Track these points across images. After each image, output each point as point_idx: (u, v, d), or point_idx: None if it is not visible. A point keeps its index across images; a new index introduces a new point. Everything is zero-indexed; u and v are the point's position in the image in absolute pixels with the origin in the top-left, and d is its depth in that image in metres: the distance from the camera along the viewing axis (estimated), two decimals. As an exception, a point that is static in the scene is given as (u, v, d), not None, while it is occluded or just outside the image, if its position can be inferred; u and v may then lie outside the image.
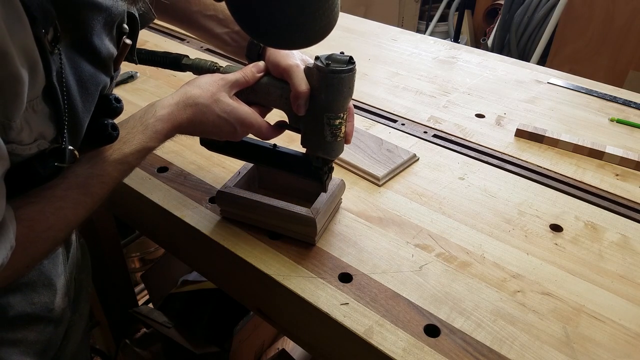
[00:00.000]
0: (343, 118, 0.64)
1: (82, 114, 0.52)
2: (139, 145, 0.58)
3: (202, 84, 0.63)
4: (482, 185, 0.85)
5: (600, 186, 0.86)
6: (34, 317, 0.65)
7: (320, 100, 0.63)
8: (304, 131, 0.67)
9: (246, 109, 0.64)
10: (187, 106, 0.61)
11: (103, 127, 0.54)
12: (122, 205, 0.91)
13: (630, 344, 0.59)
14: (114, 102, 0.55)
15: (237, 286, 0.78)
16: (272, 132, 0.68)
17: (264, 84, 0.66)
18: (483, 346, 0.58)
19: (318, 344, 0.68)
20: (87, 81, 0.52)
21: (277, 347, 1.36)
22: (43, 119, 0.47)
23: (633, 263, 0.70)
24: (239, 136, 0.66)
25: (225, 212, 0.75)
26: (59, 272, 0.69)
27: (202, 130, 0.64)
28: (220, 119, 0.63)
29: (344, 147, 0.68)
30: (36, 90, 0.45)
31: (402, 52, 1.35)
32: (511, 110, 1.08)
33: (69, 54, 0.49)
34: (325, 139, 0.65)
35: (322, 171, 0.70)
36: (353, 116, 0.69)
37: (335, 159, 0.70)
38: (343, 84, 0.61)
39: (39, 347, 0.67)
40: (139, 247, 1.71)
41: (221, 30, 0.74)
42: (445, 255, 0.70)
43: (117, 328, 1.41)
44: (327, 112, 0.63)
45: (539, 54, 2.63)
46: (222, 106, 0.63)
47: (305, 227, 0.69)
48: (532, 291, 0.65)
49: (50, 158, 0.49)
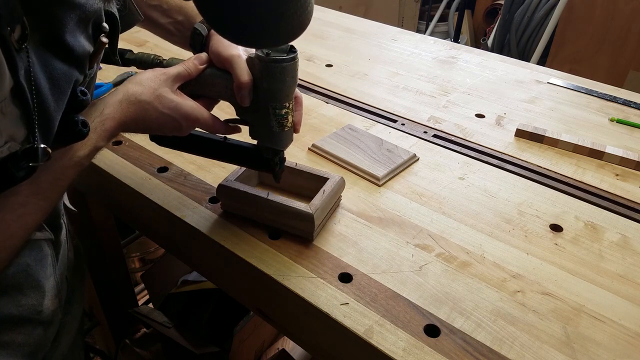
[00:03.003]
0: (289, 107, 0.64)
1: (54, 112, 0.50)
2: (92, 146, 0.57)
3: (143, 80, 0.62)
4: (482, 185, 0.85)
5: (600, 186, 0.86)
6: (21, 319, 0.64)
7: (263, 91, 0.62)
8: (251, 123, 0.67)
9: (190, 103, 0.63)
10: (130, 104, 0.60)
11: (73, 123, 0.53)
12: (122, 205, 0.91)
13: (630, 344, 0.59)
14: (80, 94, 0.54)
15: (237, 286, 0.78)
16: (222, 125, 0.67)
17: (207, 76, 0.66)
18: (483, 346, 0.58)
19: (318, 344, 0.68)
20: (59, 79, 0.51)
21: (277, 347, 1.36)
22: (13, 120, 0.46)
23: (633, 263, 0.70)
24: (184, 131, 0.66)
25: (226, 205, 0.75)
26: (48, 274, 0.68)
27: (145, 127, 0.63)
28: (164, 116, 0.62)
29: (344, 147, 0.68)
30: (4, 92, 0.44)
31: (402, 52, 1.35)
32: (511, 110, 1.08)
33: (39, 52, 0.48)
34: (273, 130, 0.65)
35: (273, 162, 0.69)
36: (301, 105, 0.68)
37: (284, 149, 0.69)
38: (285, 73, 0.61)
39: (27, 349, 0.66)
40: (139, 247, 1.71)
41: (165, 20, 0.74)
42: (445, 255, 0.70)
43: (117, 328, 1.41)
44: (271, 102, 0.63)
45: (539, 54, 2.64)
46: (165, 102, 0.62)
47: (303, 222, 0.69)
48: (532, 291, 0.65)
49: (23, 159, 0.48)
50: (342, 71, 1.24)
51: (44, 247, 0.68)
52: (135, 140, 0.92)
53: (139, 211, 0.86)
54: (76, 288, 0.82)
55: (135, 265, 1.74)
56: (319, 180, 0.75)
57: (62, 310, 0.73)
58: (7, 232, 0.51)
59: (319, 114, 1.04)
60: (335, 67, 1.26)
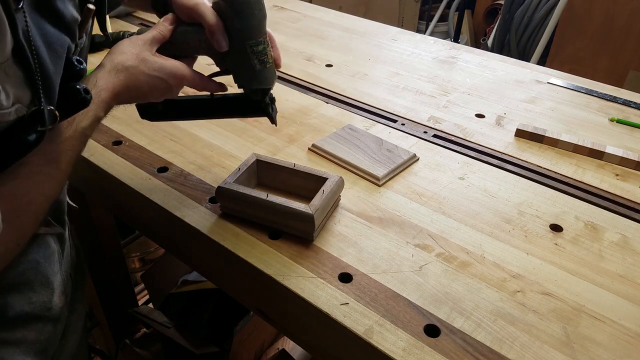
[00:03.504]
0: (265, 43, 0.65)
1: (54, 75, 0.51)
2: (93, 116, 0.58)
3: (123, 48, 0.63)
4: (482, 185, 0.85)
5: (600, 186, 0.86)
6: (33, 316, 0.65)
7: (236, 31, 0.63)
8: (233, 70, 0.68)
9: (173, 61, 0.65)
10: (118, 72, 0.61)
11: (76, 91, 0.53)
12: (122, 205, 0.91)
13: (630, 344, 0.59)
14: (77, 63, 0.55)
15: (237, 286, 0.78)
16: (207, 80, 0.68)
17: (179, 34, 0.67)
18: (483, 346, 0.58)
19: (318, 344, 0.68)
20: (54, 43, 0.51)
21: (277, 347, 1.36)
22: (17, 82, 0.47)
23: (633, 263, 0.70)
24: (174, 92, 0.66)
25: (225, 207, 0.75)
26: (55, 271, 0.69)
27: (137, 94, 0.64)
28: (152, 78, 0.63)
29: (344, 147, 0.68)
30: (5, 53, 0.44)
31: (402, 52, 1.35)
32: (511, 110, 1.08)
33: (32, 15, 0.49)
34: (256, 69, 0.65)
35: (265, 103, 0.70)
36: (275, 41, 0.69)
37: (272, 87, 0.70)
38: (252, 7, 0.62)
39: (38, 347, 0.67)
40: (139, 247, 1.71)
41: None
42: (445, 255, 0.70)
43: (117, 328, 1.41)
44: (247, 41, 0.64)
45: (539, 54, 2.64)
46: (150, 64, 0.62)
47: (303, 223, 0.69)
48: (532, 291, 0.65)
49: (31, 123, 0.48)
50: (342, 71, 1.24)
51: (51, 243, 0.69)
52: (135, 140, 0.92)
53: (139, 211, 0.86)
54: (79, 287, 0.83)
55: (135, 265, 1.74)
56: (318, 180, 0.75)
57: (67, 307, 0.74)
58: (26, 197, 0.51)
59: (319, 114, 1.04)
60: (335, 67, 1.26)
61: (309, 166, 0.79)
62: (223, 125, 0.98)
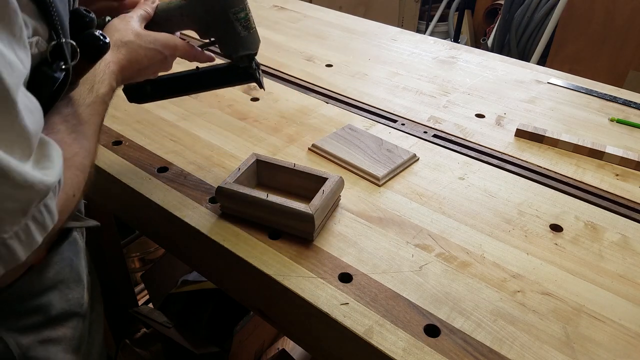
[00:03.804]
0: (247, 9, 0.67)
1: (63, 14, 0.51)
2: (109, 85, 0.59)
3: (117, 26, 0.65)
4: (482, 185, 0.85)
5: (600, 186, 0.86)
6: (70, 313, 0.66)
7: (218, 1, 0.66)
8: (218, 39, 0.70)
9: (164, 34, 0.67)
10: (119, 47, 0.62)
11: (95, 38, 0.54)
12: (122, 205, 0.91)
13: (630, 344, 0.59)
14: (85, 12, 0.55)
15: (237, 286, 0.78)
16: (197, 49, 0.70)
17: (162, 11, 0.69)
18: (483, 346, 0.58)
19: (318, 344, 0.68)
20: None
21: (277, 347, 1.37)
22: (31, 14, 0.46)
23: (633, 263, 0.70)
24: (169, 64, 0.69)
25: (225, 207, 0.75)
26: (84, 267, 0.70)
27: (139, 67, 0.65)
28: (150, 50, 0.65)
29: (344, 147, 0.68)
30: None
31: (402, 52, 1.35)
32: (511, 110, 1.09)
33: None
34: (241, 35, 0.68)
35: (252, 69, 0.73)
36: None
37: (257, 51, 0.72)
38: None
39: (74, 343, 0.68)
40: (139, 247, 1.71)
41: None
42: (445, 255, 0.70)
43: (117, 328, 1.42)
44: (230, 9, 0.66)
45: (539, 54, 2.64)
46: (144, 38, 0.65)
47: (303, 223, 0.69)
48: (532, 291, 0.65)
49: (54, 60, 0.49)
50: (342, 71, 1.24)
51: (78, 240, 0.70)
52: (135, 140, 0.92)
53: (139, 211, 0.86)
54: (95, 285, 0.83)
55: (135, 265, 1.74)
56: (317, 180, 0.75)
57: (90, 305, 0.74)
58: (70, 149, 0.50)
59: (319, 114, 1.04)
60: (335, 67, 1.26)
61: (309, 166, 0.79)
62: (223, 125, 0.98)
